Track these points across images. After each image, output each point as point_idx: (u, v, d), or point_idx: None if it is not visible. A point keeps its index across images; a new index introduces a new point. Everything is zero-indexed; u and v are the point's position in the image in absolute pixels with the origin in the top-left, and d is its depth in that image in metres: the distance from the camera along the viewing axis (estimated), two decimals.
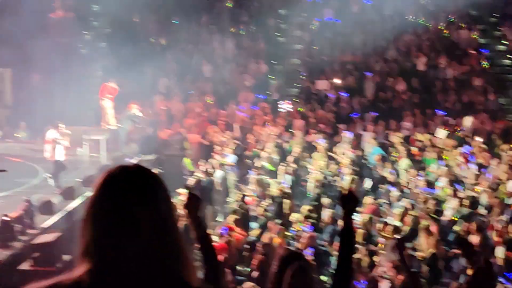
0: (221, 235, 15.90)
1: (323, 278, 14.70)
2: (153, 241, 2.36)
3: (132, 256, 2.33)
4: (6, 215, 15.46)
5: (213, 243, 5.44)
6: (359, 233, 15.97)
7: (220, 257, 14.16)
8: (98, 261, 2.32)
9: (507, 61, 30.22)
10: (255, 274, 13.30)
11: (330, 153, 22.20)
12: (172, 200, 2.57)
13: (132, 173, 2.47)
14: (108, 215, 2.36)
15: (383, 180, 20.43)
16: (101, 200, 2.39)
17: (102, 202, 2.39)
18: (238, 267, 14.64)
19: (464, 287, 11.20)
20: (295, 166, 21.12)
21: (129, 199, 2.36)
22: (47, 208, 17.34)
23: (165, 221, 2.42)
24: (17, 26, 24.47)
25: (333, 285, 4.66)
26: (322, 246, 15.99)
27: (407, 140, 23.13)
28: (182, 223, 14.51)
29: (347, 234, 4.67)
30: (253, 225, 17.38)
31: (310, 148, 22.83)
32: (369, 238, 15.70)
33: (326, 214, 17.54)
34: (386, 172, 20.77)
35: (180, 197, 18.53)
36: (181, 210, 12.34)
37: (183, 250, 2.46)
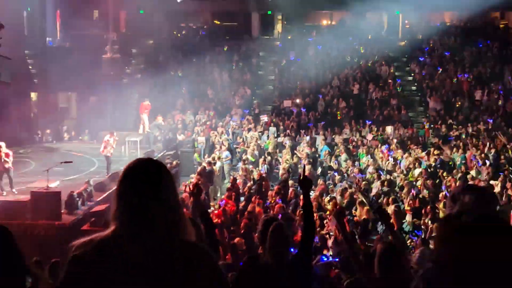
0: (220, 206, 16.05)
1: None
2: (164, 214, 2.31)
3: (147, 226, 2.27)
4: (72, 192, 15.52)
5: (212, 219, 5.64)
6: (313, 205, 16.10)
7: (219, 220, 14.25)
8: (119, 225, 2.28)
9: (413, 87, 30.40)
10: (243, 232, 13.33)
11: (295, 151, 22.31)
12: (176, 188, 2.49)
13: (146, 164, 2.44)
14: (127, 195, 2.31)
15: (330, 168, 20.58)
16: (123, 182, 2.36)
17: (123, 184, 2.35)
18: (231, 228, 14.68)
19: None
20: (269, 159, 21.24)
21: (145, 186, 2.31)
22: (101, 187, 17.39)
23: (174, 205, 2.38)
24: (81, 62, 24.43)
25: (302, 241, 4.93)
26: (288, 213, 16.06)
27: (347, 141, 23.24)
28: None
29: (307, 208, 5.04)
30: (241, 199, 17.41)
31: (280, 146, 22.93)
32: (320, 208, 15.76)
33: (290, 191, 17.61)
34: (332, 163, 20.93)
35: (192, 179, 18.72)
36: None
37: (184, 223, 2.40)
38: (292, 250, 5.03)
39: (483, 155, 20.80)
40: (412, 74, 31.14)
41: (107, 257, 2.24)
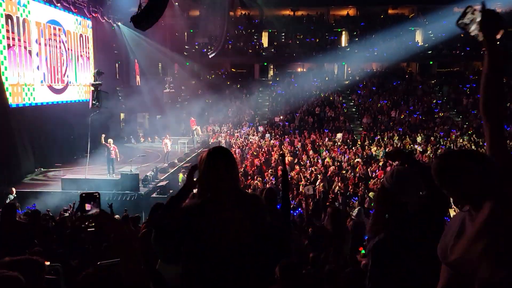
0: None
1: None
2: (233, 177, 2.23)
3: (227, 190, 2.19)
4: (146, 175, 15.52)
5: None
6: (293, 180, 16.03)
7: None
8: (204, 196, 2.20)
9: (353, 109, 30.36)
10: None
11: (282, 147, 22.30)
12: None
13: (221, 149, 2.30)
14: (209, 172, 2.20)
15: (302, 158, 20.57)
16: (206, 163, 2.22)
17: (206, 164, 2.22)
18: None
19: None
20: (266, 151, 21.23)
21: (222, 161, 2.21)
22: (163, 170, 17.42)
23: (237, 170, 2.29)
24: (151, 94, 24.45)
25: (283, 196, 4.62)
26: (277, 186, 16.05)
27: (313, 142, 23.21)
28: None
29: (285, 176, 4.76)
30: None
31: (272, 145, 22.91)
32: (297, 182, 15.76)
33: (279, 173, 17.60)
34: (304, 155, 20.88)
35: None
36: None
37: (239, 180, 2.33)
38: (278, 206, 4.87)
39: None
40: (353, 101, 31.12)
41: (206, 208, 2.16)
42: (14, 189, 13.34)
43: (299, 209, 12.67)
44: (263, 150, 21.58)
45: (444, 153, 1.75)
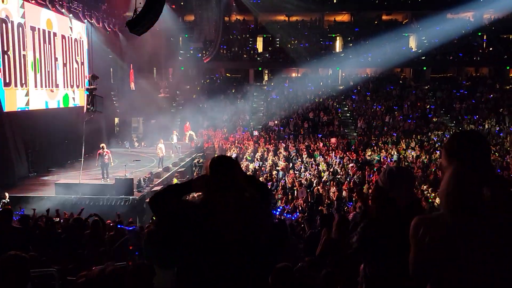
0: None
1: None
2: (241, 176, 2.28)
3: (233, 189, 2.21)
4: (140, 179, 15.44)
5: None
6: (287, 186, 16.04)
7: None
8: (208, 195, 2.21)
9: (348, 114, 30.43)
10: None
11: (278, 152, 22.29)
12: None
13: (223, 157, 2.35)
14: (215, 176, 2.24)
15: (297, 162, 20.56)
16: (212, 169, 2.28)
17: (212, 169, 2.27)
18: None
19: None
20: (260, 157, 21.21)
21: (227, 167, 2.27)
22: (157, 175, 17.35)
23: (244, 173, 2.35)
24: (145, 99, 24.47)
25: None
26: (272, 191, 16.07)
27: (308, 147, 23.23)
28: None
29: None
30: None
31: (267, 151, 22.90)
32: (292, 187, 15.77)
33: (273, 178, 17.59)
34: (298, 160, 20.89)
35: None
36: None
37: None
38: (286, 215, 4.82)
39: (390, 155, 20.93)
40: (347, 106, 31.24)
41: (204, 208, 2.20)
42: (7, 194, 13.26)
43: (297, 213, 12.71)
44: (257, 154, 21.59)
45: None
